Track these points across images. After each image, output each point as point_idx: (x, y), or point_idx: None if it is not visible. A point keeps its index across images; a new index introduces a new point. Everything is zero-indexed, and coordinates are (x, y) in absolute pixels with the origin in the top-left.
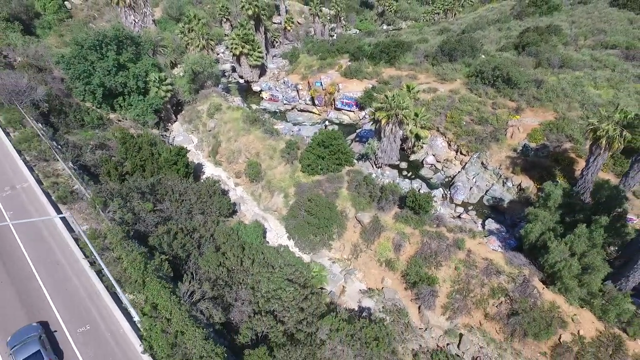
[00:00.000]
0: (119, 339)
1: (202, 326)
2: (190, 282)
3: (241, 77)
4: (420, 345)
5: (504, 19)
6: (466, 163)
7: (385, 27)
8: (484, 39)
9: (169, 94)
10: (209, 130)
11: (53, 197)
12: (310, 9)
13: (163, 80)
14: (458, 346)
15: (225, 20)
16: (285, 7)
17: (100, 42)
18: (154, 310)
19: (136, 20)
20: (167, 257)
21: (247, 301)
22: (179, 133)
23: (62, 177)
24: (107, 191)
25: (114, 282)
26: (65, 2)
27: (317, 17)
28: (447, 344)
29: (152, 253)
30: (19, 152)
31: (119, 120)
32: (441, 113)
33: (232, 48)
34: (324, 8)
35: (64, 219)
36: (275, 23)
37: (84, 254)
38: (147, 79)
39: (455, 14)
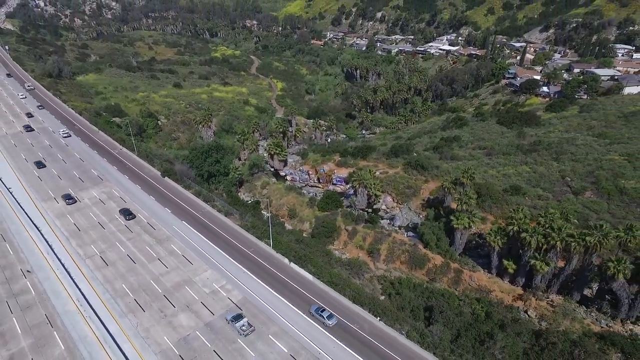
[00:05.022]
0: (262, 250)
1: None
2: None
3: (272, 167)
4: (374, 275)
5: (434, 130)
6: (401, 207)
7: (364, 131)
8: (418, 143)
9: (238, 176)
10: (263, 195)
11: (221, 214)
12: (312, 122)
13: (237, 168)
14: (390, 275)
15: (256, 130)
16: (295, 121)
17: (208, 150)
18: (274, 241)
19: (208, 135)
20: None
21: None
22: (243, 198)
23: (219, 206)
24: (240, 210)
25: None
26: (158, 122)
27: (317, 128)
28: (384, 275)
29: None
30: (197, 197)
31: (215, 190)
32: (389, 184)
33: (269, 150)
34: (321, 121)
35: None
36: (289, 131)
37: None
38: (229, 167)
39: (413, 123)
